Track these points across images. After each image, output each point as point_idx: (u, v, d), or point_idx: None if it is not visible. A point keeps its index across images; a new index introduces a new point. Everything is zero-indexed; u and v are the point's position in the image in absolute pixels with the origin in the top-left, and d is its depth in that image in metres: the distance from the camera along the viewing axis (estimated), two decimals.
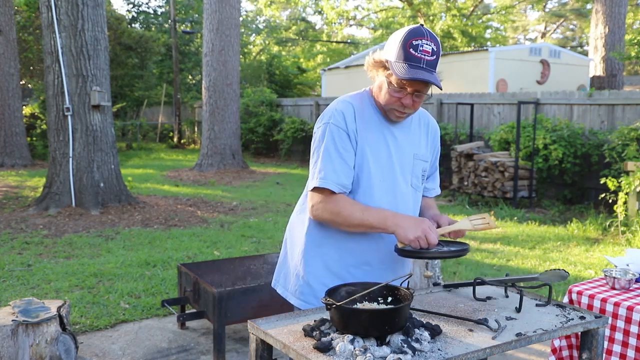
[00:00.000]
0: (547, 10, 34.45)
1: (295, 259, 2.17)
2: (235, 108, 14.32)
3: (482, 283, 2.14)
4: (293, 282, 2.16)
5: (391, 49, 1.97)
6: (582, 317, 1.91)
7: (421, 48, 1.91)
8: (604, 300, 2.64)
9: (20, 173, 12.88)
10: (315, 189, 2.02)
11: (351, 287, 1.81)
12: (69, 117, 7.97)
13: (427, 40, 1.92)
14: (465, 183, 9.88)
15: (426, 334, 1.65)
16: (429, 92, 2.00)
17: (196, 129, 22.15)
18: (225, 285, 4.13)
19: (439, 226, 2.09)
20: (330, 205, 1.98)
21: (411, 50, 1.90)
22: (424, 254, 1.92)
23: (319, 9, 34.86)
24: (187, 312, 4.04)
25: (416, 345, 1.58)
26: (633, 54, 12.65)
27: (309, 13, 38.70)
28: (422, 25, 1.97)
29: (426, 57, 1.91)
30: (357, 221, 1.96)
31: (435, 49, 1.93)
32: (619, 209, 7.01)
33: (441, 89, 1.95)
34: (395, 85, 1.96)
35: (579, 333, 1.99)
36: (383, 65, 1.99)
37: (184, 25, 25.49)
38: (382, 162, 2.07)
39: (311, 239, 2.11)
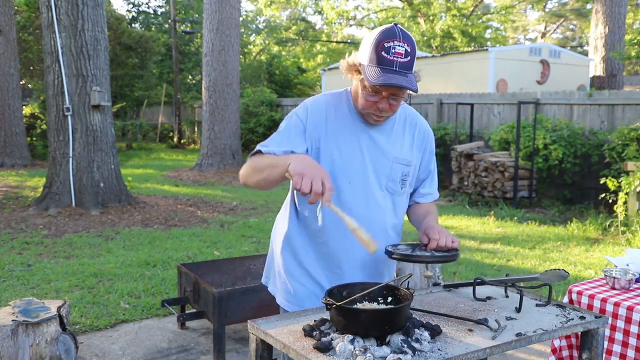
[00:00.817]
0: (547, 10, 34.46)
1: (277, 258, 2.19)
2: (235, 108, 14.32)
3: (482, 283, 2.14)
4: (277, 280, 2.20)
5: (364, 51, 1.89)
6: (582, 317, 1.91)
7: (393, 50, 1.83)
8: (604, 300, 2.64)
9: (20, 173, 12.88)
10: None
11: (351, 287, 1.81)
12: (69, 117, 7.97)
13: (400, 41, 1.84)
14: (465, 183, 9.88)
15: (426, 334, 1.65)
16: (406, 94, 1.95)
17: (196, 129, 22.15)
18: (225, 285, 4.13)
19: (428, 239, 1.98)
20: (251, 159, 1.97)
21: (383, 53, 1.83)
22: (413, 257, 1.91)
23: (319, 9, 34.86)
24: (187, 312, 4.04)
25: (416, 345, 1.58)
26: (633, 54, 12.66)
27: (309, 13, 38.73)
28: (395, 24, 1.89)
29: (399, 60, 1.83)
30: (266, 162, 1.91)
31: (409, 50, 1.85)
32: (619, 209, 7.01)
33: (416, 92, 1.91)
34: (370, 90, 1.90)
35: (579, 333, 1.99)
36: (357, 69, 1.93)
37: (184, 25, 25.48)
38: (351, 164, 2.02)
39: (288, 240, 2.13)
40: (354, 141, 2.02)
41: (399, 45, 1.83)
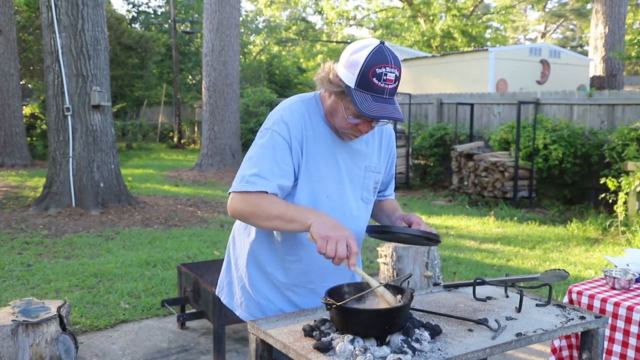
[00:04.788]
0: (547, 10, 34.47)
1: (240, 271, 2.10)
2: (235, 108, 14.32)
3: (482, 283, 2.14)
4: (239, 293, 2.11)
5: (351, 71, 1.78)
6: (582, 317, 1.91)
7: (385, 77, 1.75)
8: (604, 300, 2.64)
9: (20, 173, 12.88)
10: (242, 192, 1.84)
11: (350, 287, 1.81)
12: (69, 117, 7.97)
13: (391, 67, 1.76)
14: (465, 183, 9.88)
15: (426, 334, 1.65)
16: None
17: (196, 129, 22.15)
18: None
19: (409, 225, 2.02)
20: (253, 197, 1.82)
21: (374, 79, 1.75)
22: (402, 232, 1.90)
23: (319, 9, 34.89)
24: (187, 312, 4.04)
25: (416, 345, 1.58)
26: (633, 54, 12.65)
27: (309, 13, 38.75)
28: (382, 43, 1.78)
29: (389, 87, 1.77)
30: (277, 212, 1.78)
31: (398, 75, 1.79)
32: (619, 209, 7.01)
33: (403, 121, 1.88)
34: (355, 114, 1.83)
35: (579, 333, 1.99)
36: (342, 90, 1.82)
37: (184, 25, 25.47)
38: (329, 177, 1.95)
39: (254, 255, 2.04)
40: (330, 154, 1.95)
41: (391, 72, 1.76)
